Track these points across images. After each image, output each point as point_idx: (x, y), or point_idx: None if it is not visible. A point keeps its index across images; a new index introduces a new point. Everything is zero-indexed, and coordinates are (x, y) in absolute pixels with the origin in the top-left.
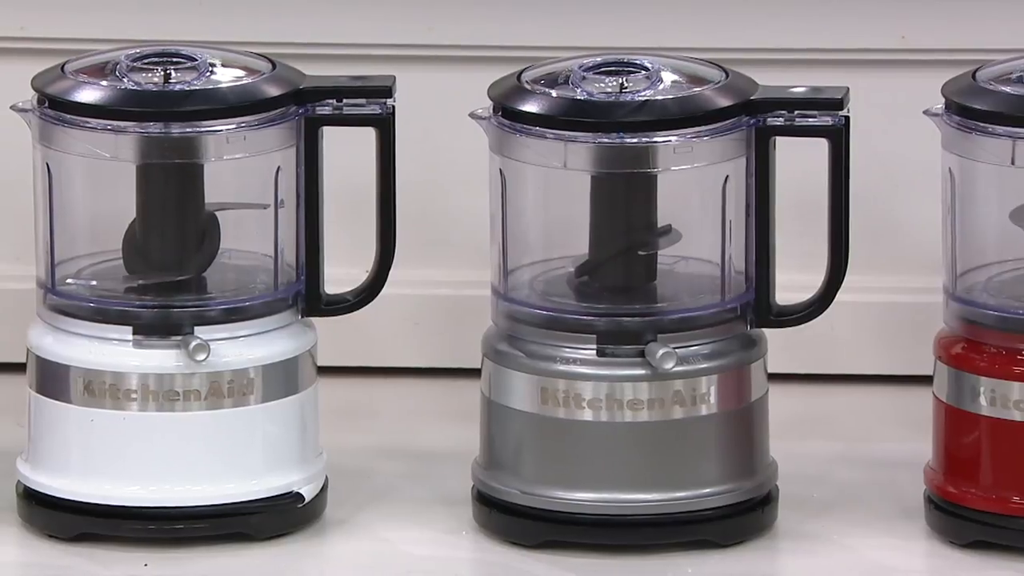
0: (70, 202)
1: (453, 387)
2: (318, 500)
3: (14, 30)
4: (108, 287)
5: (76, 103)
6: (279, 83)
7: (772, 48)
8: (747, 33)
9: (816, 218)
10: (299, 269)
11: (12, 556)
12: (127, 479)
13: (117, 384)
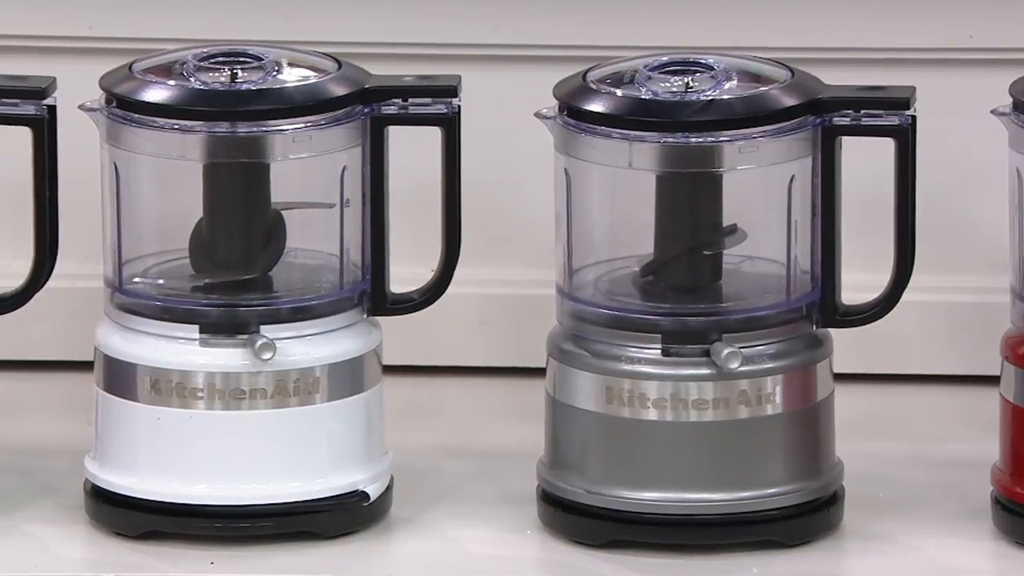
0: (137, 201)
1: (518, 386)
2: (383, 499)
3: (82, 30)
4: (175, 286)
5: (144, 103)
6: (345, 83)
7: (839, 47)
8: (813, 32)
9: (882, 218)
10: (365, 268)
11: (80, 554)
12: (194, 477)
13: (184, 383)
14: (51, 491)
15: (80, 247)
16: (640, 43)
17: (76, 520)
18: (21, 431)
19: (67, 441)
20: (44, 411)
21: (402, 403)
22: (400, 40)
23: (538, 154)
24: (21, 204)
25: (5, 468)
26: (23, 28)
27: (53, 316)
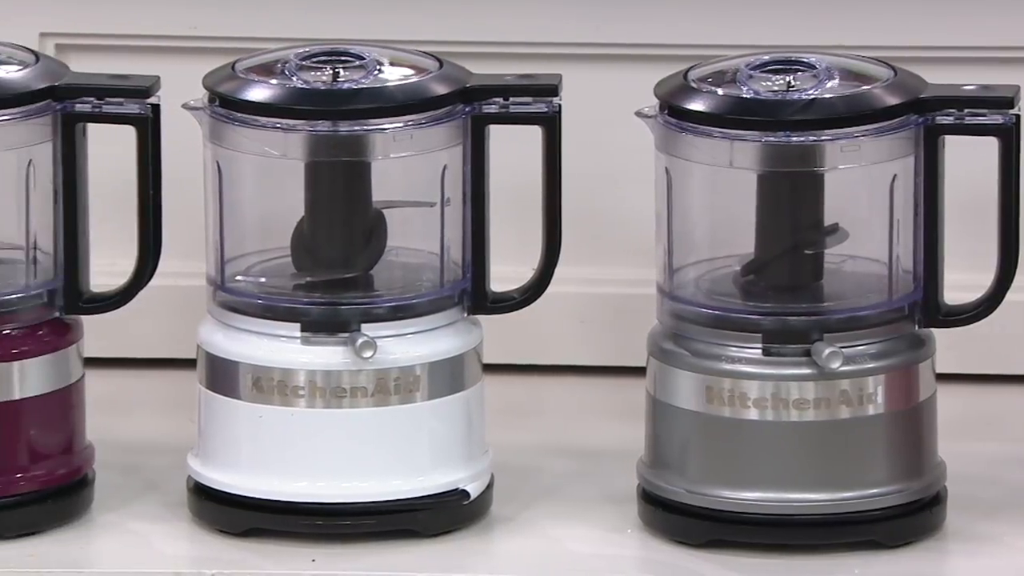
0: (240, 200)
1: (618, 385)
2: (484, 497)
3: (185, 29)
4: (277, 284)
5: (246, 101)
6: (446, 81)
7: (942, 46)
8: (916, 31)
9: (984, 217)
10: (465, 267)
11: (183, 551)
12: (295, 475)
13: (285, 380)
14: (155, 488)
15: (183, 245)
16: (742, 42)
17: (179, 517)
18: (125, 428)
19: (170, 438)
20: (148, 408)
21: (503, 402)
22: (502, 39)
23: (639, 153)
24: (125, 203)
25: (109, 465)
26: (128, 28)
27: (157, 314)
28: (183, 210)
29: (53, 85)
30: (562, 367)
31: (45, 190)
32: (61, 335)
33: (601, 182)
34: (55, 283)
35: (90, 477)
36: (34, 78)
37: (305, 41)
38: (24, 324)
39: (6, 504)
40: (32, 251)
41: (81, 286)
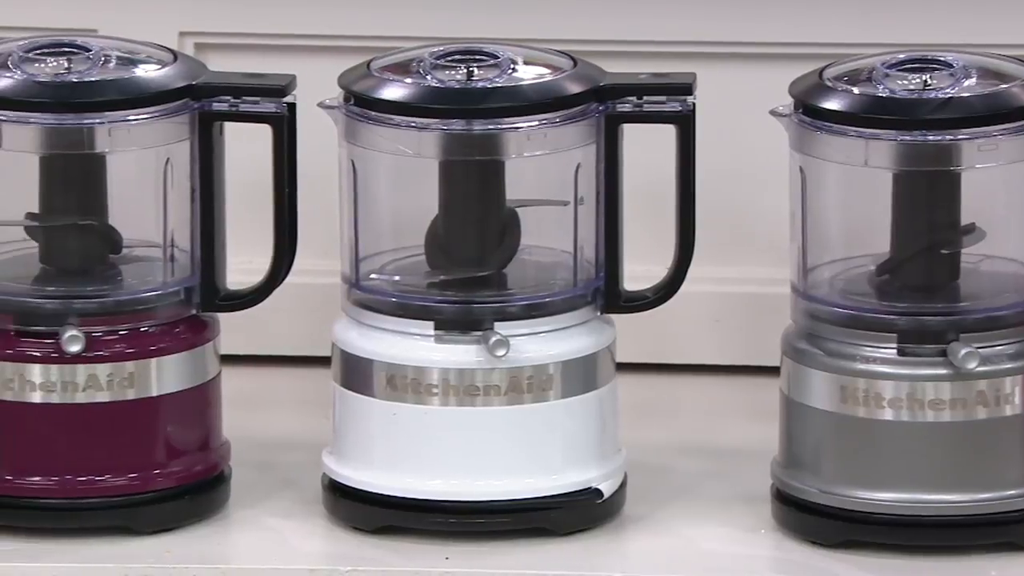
0: (375, 198)
1: (753, 384)
2: (617, 496)
3: (322, 28)
4: (411, 282)
5: (381, 100)
6: (580, 80)
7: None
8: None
9: None
10: (598, 266)
11: (318, 547)
12: (429, 473)
13: (419, 378)
14: (290, 485)
15: (318, 244)
16: (877, 40)
17: (314, 514)
18: (261, 425)
19: (306, 435)
20: (283, 406)
21: (636, 401)
22: (636, 38)
23: (773, 152)
24: (261, 201)
25: (246, 462)
26: (265, 27)
27: (292, 312)
28: (318, 208)
29: (191, 84)
30: (696, 366)
31: (182, 188)
32: (198, 332)
33: (735, 181)
34: (192, 280)
35: (226, 474)
36: (172, 77)
37: (440, 40)
38: (161, 321)
39: (144, 500)
40: (170, 249)
41: (218, 283)
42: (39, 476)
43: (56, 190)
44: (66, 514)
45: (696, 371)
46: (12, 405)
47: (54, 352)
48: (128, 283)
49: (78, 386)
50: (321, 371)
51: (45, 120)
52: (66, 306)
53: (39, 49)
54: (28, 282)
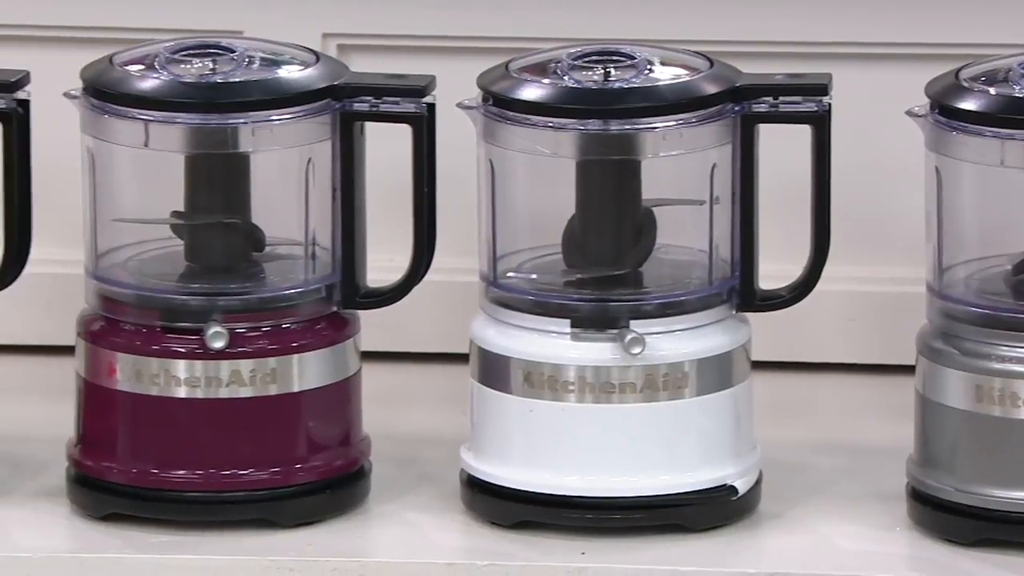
0: (512, 197)
1: (887, 383)
2: (752, 493)
3: (461, 30)
4: (548, 281)
5: (519, 100)
6: (717, 81)
7: None
8: None
9: None
10: (734, 265)
11: (456, 542)
12: (566, 469)
13: (556, 376)
14: (429, 480)
15: (457, 242)
16: (1014, 41)
17: (452, 509)
18: (401, 421)
19: (444, 431)
20: (422, 402)
21: (771, 399)
22: (772, 39)
23: (909, 152)
24: (401, 200)
25: (385, 456)
26: (405, 28)
27: (431, 309)
28: (457, 207)
29: (333, 85)
30: (831, 365)
31: (324, 187)
32: (339, 329)
33: (870, 181)
34: (333, 278)
35: (367, 469)
36: (315, 78)
37: (577, 41)
38: (303, 318)
39: (285, 494)
40: (311, 247)
41: (358, 281)
42: (184, 470)
43: (201, 189)
44: (210, 507)
45: (831, 370)
46: (158, 400)
47: (198, 348)
48: (271, 281)
49: (222, 381)
50: (460, 368)
51: (190, 120)
52: (210, 303)
53: (185, 50)
54: (174, 279)
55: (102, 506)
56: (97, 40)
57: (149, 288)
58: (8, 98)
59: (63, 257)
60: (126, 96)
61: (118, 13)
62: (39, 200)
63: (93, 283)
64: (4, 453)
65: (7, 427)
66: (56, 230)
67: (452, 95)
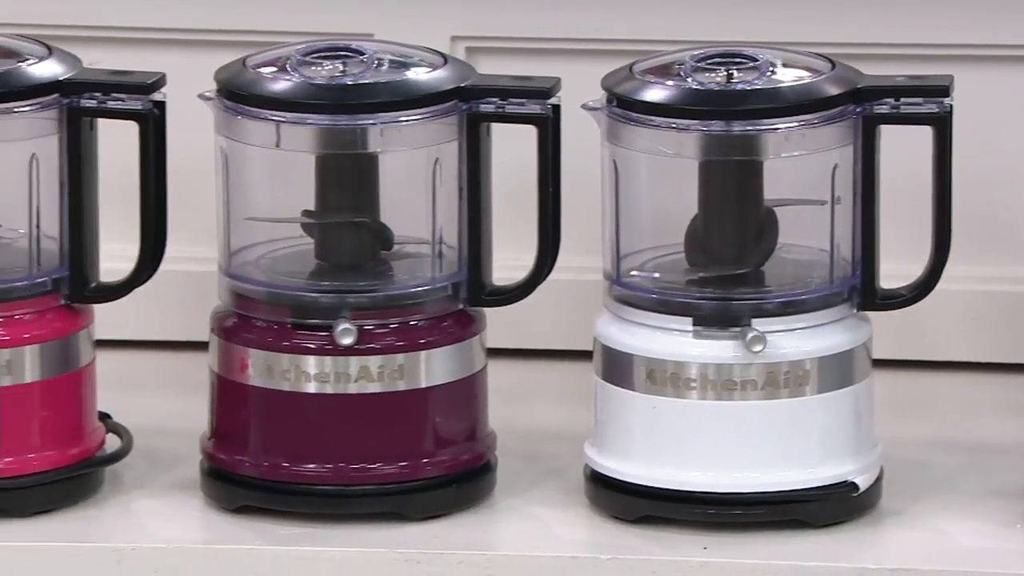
0: (635, 197)
1: (1008, 382)
2: (873, 490)
3: (589, 31)
4: (671, 279)
5: (642, 102)
6: (838, 82)
7: None
8: None
9: None
10: (855, 264)
11: (580, 536)
12: (688, 465)
13: (678, 373)
14: (554, 475)
15: (581, 241)
16: None
17: (576, 503)
18: (526, 417)
19: (568, 427)
20: (547, 398)
21: (893, 397)
22: (893, 41)
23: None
24: (526, 200)
25: (511, 451)
26: (532, 31)
27: (555, 307)
28: (581, 207)
29: (460, 86)
30: (951, 363)
31: (451, 187)
32: (465, 326)
33: (992, 181)
34: (460, 276)
35: (492, 463)
36: (442, 80)
37: (700, 43)
38: (430, 316)
39: (413, 488)
40: (438, 246)
41: (484, 279)
42: (314, 464)
43: (331, 189)
44: (339, 500)
45: (951, 368)
46: (288, 395)
47: (328, 344)
48: (399, 278)
49: (350, 377)
50: (583, 365)
51: (321, 121)
52: (340, 300)
53: (316, 53)
54: (304, 277)
55: (234, 498)
56: (231, 43)
57: (280, 285)
58: (144, 100)
59: (197, 255)
60: (258, 98)
61: (252, 16)
62: (174, 199)
63: (226, 281)
64: (141, 446)
65: (144, 421)
66: (191, 229)
67: (577, 96)
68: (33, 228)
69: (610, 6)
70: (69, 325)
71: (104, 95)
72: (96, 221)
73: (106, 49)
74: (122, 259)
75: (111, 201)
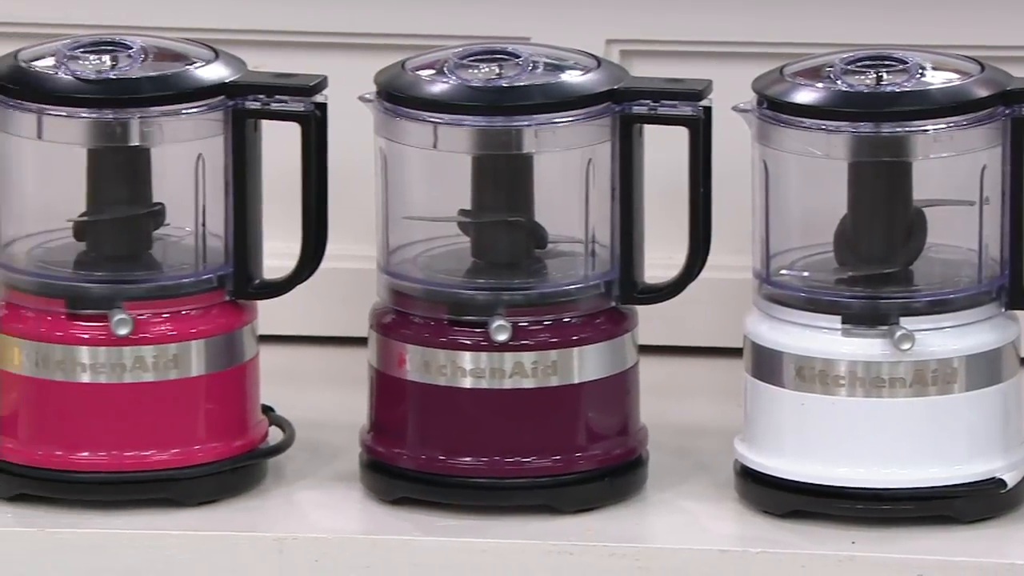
0: (785, 197)
1: None
2: (1021, 486)
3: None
4: (820, 278)
5: (793, 104)
6: (987, 85)
7: None
8: None
9: None
10: (1003, 264)
11: (730, 530)
12: (837, 461)
13: (827, 370)
14: (704, 470)
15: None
16: None
17: (726, 498)
18: (677, 412)
19: (719, 422)
20: (698, 394)
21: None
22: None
23: None
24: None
25: (662, 446)
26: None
27: (707, 304)
28: (731, 206)
29: (612, 89)
30: None
31: (603, 187)
32: (617, 323)
33: None
34: (612, 275)
35: (644, 457)
36: (595, 82)
37: (850, 47)
38: (583, 313)
39: (566, 481)
40: (591, 245)
41: (636, 277)
42: (470, 457)
43: (487, 188)
44: (494, 493)
45: None
46: (445, 390)
47: (483, 341)
48: (553, 276)
49: (505, 373)
50: (733, 362)
51: (476, 123)
52: (495, 298)
53: (473, 56)
54: (460, 275)
55: (393, 490)
56: (391, 46)
57: (437, 283)
58: (307, 102)
59: (357, 253)
60: (417, 100)
61: (411, 20)
62: (335, 199)
63: (384, 278)
64: (303, 439)
65: (306, 414)
66: (351, 227)
67: (729, 98)
68: (199, 226)
69: (762, 10)
70: (234, 321)
71: (268, 97)
72: (260, 220)
73: (270, 52)
74: (285, 257)
75: (274, 200)
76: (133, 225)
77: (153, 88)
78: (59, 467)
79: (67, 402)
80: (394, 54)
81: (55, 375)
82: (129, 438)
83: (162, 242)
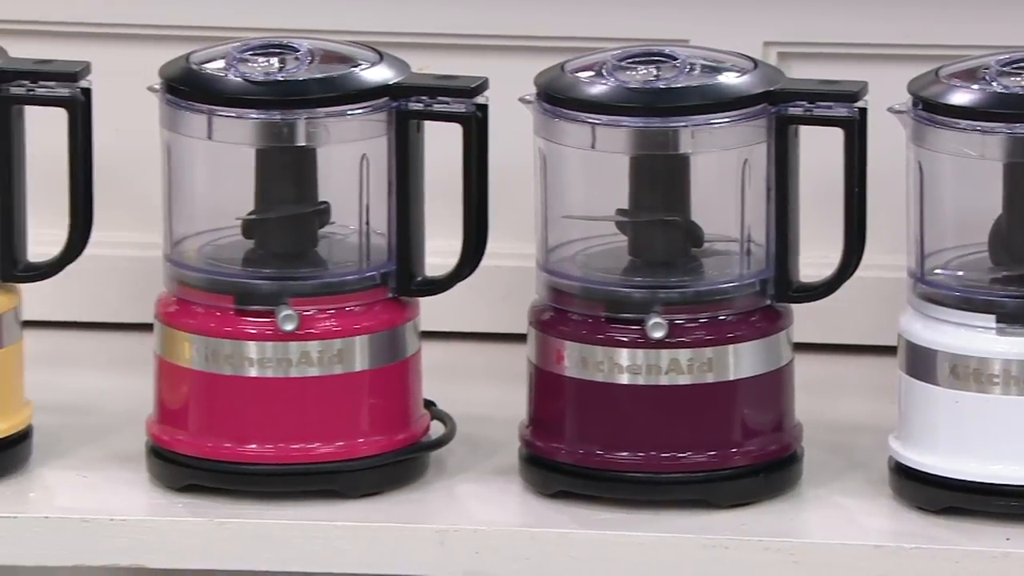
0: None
1: None
2: None
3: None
4: (974, 278)
5: (948, 105)
6: None
7: None
8: None
9: None
10: None
11: (883, 525)
12: (991, 458)
13: (981, 369)
14: (859, 466)
15: (886, 239)
16: None
17: (880, 494)
18: (832, 409)
19: (874, 420)
20: (853, 391)
21: None
22: None
23: None
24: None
25: (817, 443)
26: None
27: (861, 303)
28: (886, 207)
29: (768, 90)
30: None
31: (759, 187)
32: (772, 321)
33: None
34: (767, 273)
35: (799, 454)
36: (751, 84)
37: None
38: (738, 311)
39: (722, 476)
40: (747, 244)
41: (791, 276)
42: (627, 452)
43: (644, 188)
44: (651, 487)
45: None
46: (602, 386)
47: (640, 338)
48: (708, 275)
49: (661, 369)
50: (888, 360)
51: (634, 123)
52: (652, 295)
53: (631, 58)
54: (617, 273)
55: (551, 484)
56: (551, 48)
57: (595, 281)
58: (468, 103)
59: (517, 251)
60: (575, 101)
61: (571, 23)
62: (495, 198)
63: (543, 276)
64: (463, 433)
65: (467, 409)
66: (511, 226)
67: (884, 99)
68: (363, 225)
69: (918, 12)
70: (396, 317)
71: (430, 99)
72: (422, 218)
73: (432, 55)
74: (447, 254)
75: (436, 199)
76: (299, 223)
77: (319, 90)
78: (228, 459)
79: (235, 396)
80: (554, 56)
81: (224, 369)
82: (295, 431)
83: (327, 240)
